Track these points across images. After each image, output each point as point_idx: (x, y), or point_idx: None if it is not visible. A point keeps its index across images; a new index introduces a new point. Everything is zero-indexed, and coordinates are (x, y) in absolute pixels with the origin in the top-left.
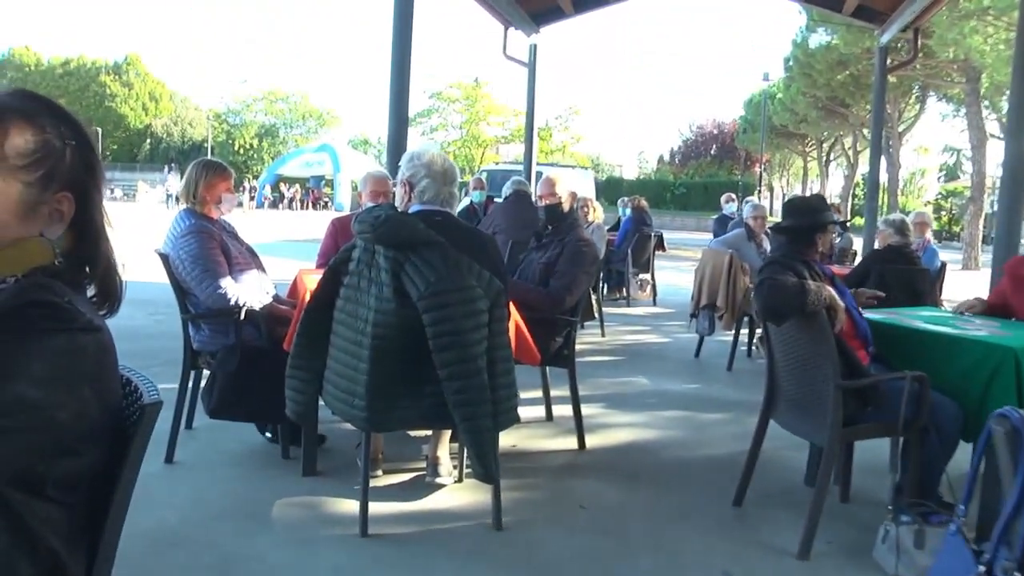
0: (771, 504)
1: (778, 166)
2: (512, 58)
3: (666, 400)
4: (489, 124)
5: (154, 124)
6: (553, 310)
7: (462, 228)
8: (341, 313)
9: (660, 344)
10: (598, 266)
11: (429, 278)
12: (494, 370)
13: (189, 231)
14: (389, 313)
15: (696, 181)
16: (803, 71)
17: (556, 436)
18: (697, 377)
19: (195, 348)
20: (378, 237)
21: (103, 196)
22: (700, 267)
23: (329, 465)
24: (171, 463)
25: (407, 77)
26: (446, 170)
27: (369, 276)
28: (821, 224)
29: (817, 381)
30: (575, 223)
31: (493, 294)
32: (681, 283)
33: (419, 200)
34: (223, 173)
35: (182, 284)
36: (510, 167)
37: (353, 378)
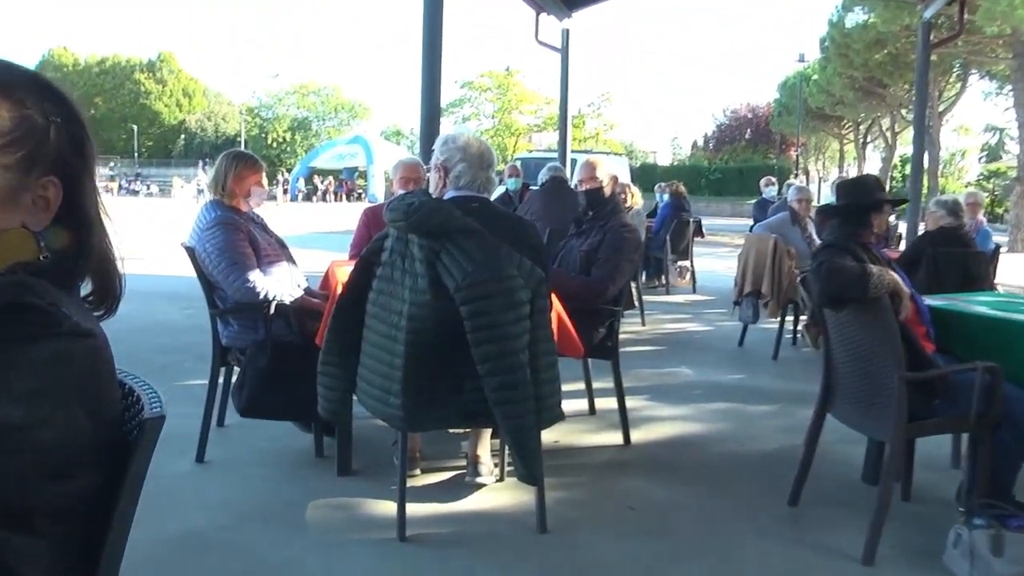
0: (828, 503)
1: (814, 149)
2: (544, 43)
3: (711, 391)
4: (522, 112)
5: (188, 120)
6: (595, 300)
7: (501, 214)
8: (374, 307)
9: (702, 333)
10: (641, 253)
11: (466, 268)
12: (537, 364)
13: (215, 223)
14: (424, 306)
15: (731, 166)
16: (839, 51)
17: (600, 431)
18: (742, 367)
19: (224, 344)
20: (411, 225)
21: (96, 182)
22: (743, 253)
23: (365, 463)
24: (202, 463)
25: (439, 67)
26: (482, 153)
27: (403, 267)
28: (876, 203)
29: (880, 373)
30: (617, 208)
31: (535, 284)
32: (719, 269)
33: (454, 186)
34: (253, 166)
35: (209, 278)
36: (544, 155)
37: (388, 375)
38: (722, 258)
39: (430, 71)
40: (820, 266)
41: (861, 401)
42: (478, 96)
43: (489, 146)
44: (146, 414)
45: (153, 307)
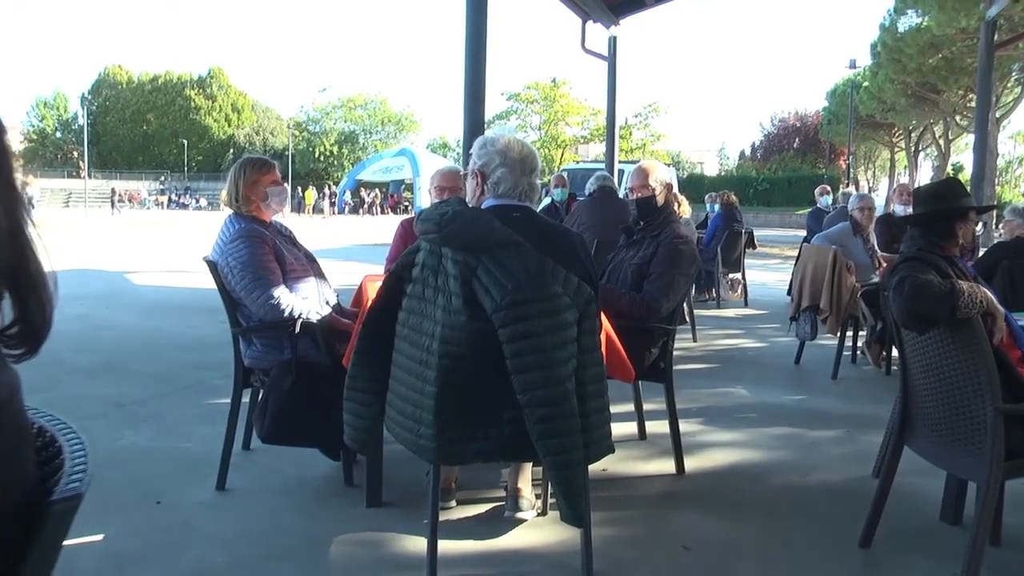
0: (904, 546)
1: (863, 158)
2: (591, 51)
3: (769, 414)
4: (568, 124)
5: (237, 135)
6: (648, 318)
7: (545, 225)
8: (404, 327)
9: (756, 349)
10: (697, 266)
11: (506, 285)
12: (584, 392)
13: (238, 235)
14: (459, 328)
15: (779, 176)
16: (891, 56)
17: (651, 458)
18: (800, 387)
19: (246, 365)
20: (445, 237)
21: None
22: (800, 265)
23: (397, 494)
24: (223, 491)
25: (483, 77)
26: (524, 157)
27: (435, 284)
28: (961, 211)
29: (970, 404)
30: (671, 218)
31: (583, 303)
32: (770, 281)
33: (493, 193)
34: (263, 167)
35: (232, 294)
36: (591, 166)
37: (419, 403)
38: (773, 270)
39: (474, 81)
40: (902, 282)
41: (947, 435)
42: (524, 108)
43: (532, 149)
44: (58, 491)
45: (189, 321)
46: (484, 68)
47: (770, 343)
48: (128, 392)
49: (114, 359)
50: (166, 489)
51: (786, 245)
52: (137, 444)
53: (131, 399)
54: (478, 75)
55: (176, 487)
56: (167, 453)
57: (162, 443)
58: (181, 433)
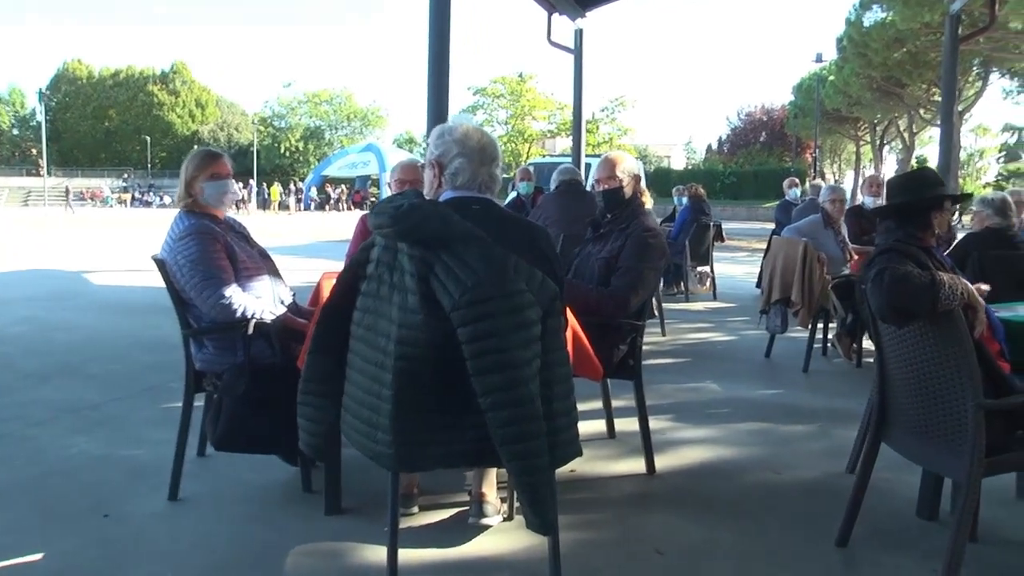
0: (883, 544)
1: (829, 151)
2: (557, 44)
3: (740, 410)
4: (535, 118)
5: (201, 130)
6: (616, 313)
7: (507, 218)
8: (359, 327)
9: (726, 343)
10: (666, 260)
11: (466, 282)
12: (550, 393)
13: (188, 232)
14: (416, 327)
15: (746, 169)
16: (857, 51)
17: (621, 457)
18: (771, 381)
19: (198, 368)
20: (400, 232)
21: None
22: (770, 258)
23: (357, 500)
24: (176, 500)
25: (446, 72)
26: (483, 147)
27: (391, 281)
28: (937, 200)
29: (949, 399)
30: (639, 210)
31: (547, 300)
32: (739, 274)
33: (451, 185)
34: (209, 156)
35: (181, 294)
36: (558, 159)
37: (375, 407)
38: (741, 263)
39: (437, 75)
40: (881, 274)
41: (925, 431)
42: (491, 102)
43: (492, 138)
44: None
45: (148, 321)
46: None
47: (740, 336)
48: (82, 396)
49: (68, 362)
50: (116, 500)
51: (753, 238)
52: (88, 451)
53: (85, 404)
54: (441, 69)
55: (127, 497)
56: (119, 461)
57: (115, 450)
58: (135, 439)
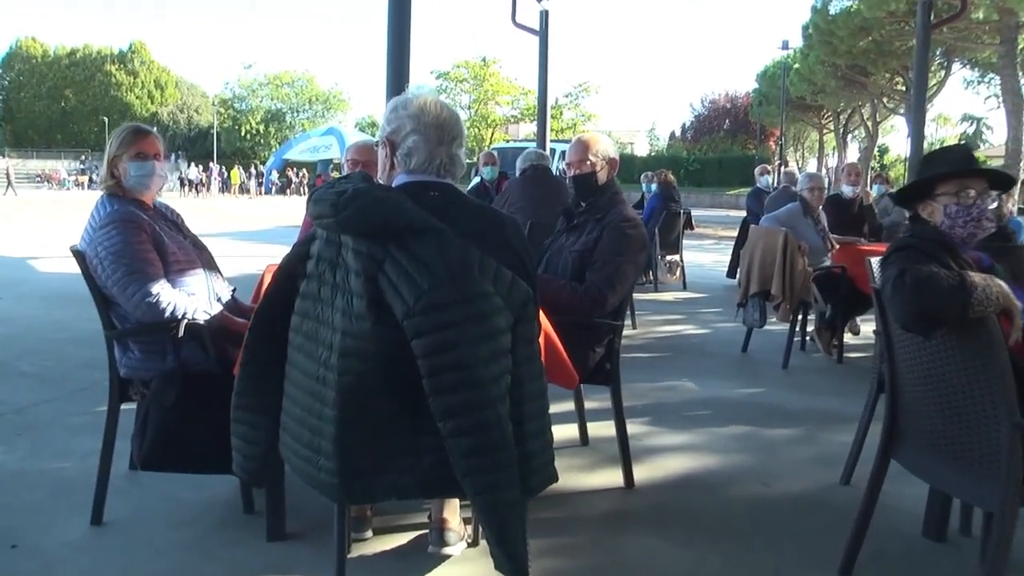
0: (887, 570)
1: (792, 139)
2: (521, 26)
3: (720, 411)
4: (498, 103)
5: (160, 112)
6: (592, 312)
7: (469, 206)
8: (297, 335)
9: (700, 336)
10: (647, 252)
11: (421, 284)
12: (521, 414)
13: (109, 220)
14: (363, 336)
15: (710, 157)
16: (823, 38)
17: (596, 468)
18: (750, 378)
19: (122, 375)
20: (343, 222)
21: None
22: (748, 249)
23: (304, 523)
24: (99, 525)
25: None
26: (442, 123)
27: (333, 281)
28: (940, 177)
29: (979, 417)
30: (616, 198)
31: (518, 304)
32: (707, 263)
33: (404, 167)
34: (135, 133)
35: (103, 290)
36: (522, 144)
37: (316, 428)
38: (708, 251)
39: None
40: (902, 276)
41: (948, 452)
42: (454, 87)
43: (454, 112)
44: None
45: (92, 312)
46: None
47: (713, 329)
48: (8, 398)
49: (1, 359)
50: (29, 526)
51: (719, 225)
52: (4, 465)
53: (10, 407)
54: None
55: (42, 523)
56: (39, 476)
57: (36, 463)
58: (61, 449)
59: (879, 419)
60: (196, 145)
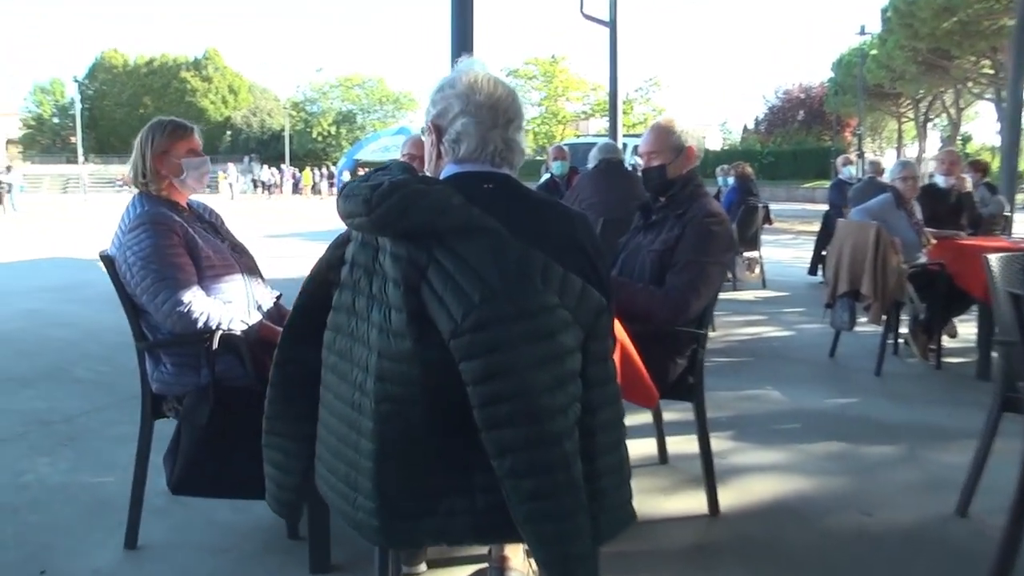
0: None
1: (869, 129)
2: (590, 17)
3: (810, 424)
4: (569, 100)
5: (233, 116)
6: (673, 319)
7: (531, 200)
8: (330, 353)
9: (782, 339)
10: (734, 251)
11: (471, 296)
12: (593, 447)
13: (139, 223)
14: (402, 358)
15: (784, 149)
16: (903, 21)
17: (676, 491)
18: (841, 387)
19: (155, 391)
20: (377, 220)
21: None
22: (835, 245)
23: (351, 554)
24: (133, 549)
25: (470, 50)
26: (496, 102)
27: (369, 291)
28: None
29: None
30: (698, 191)
31: (590, 316)
32: (786, 259)
33: (452, 156)
34: (175, 131)
35: (133, 299)
36: (594, 139)
37: (353, 462)
38: (786, 246)
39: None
40: None
41: None
42: (523, 84)
43: (510, 90)
44: None
45: None
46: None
47: (797, 331)
48: (60, 405)
49: (57, 363)
50: (60, 548)
51: (796, 219)
52: (45, 479)
53: (60, 415)
54: (464, 47)
55: (75, 544)
56: (79, 491)
57: (77, 476)
58: (105, 462)
59: None
60: (268, 147)
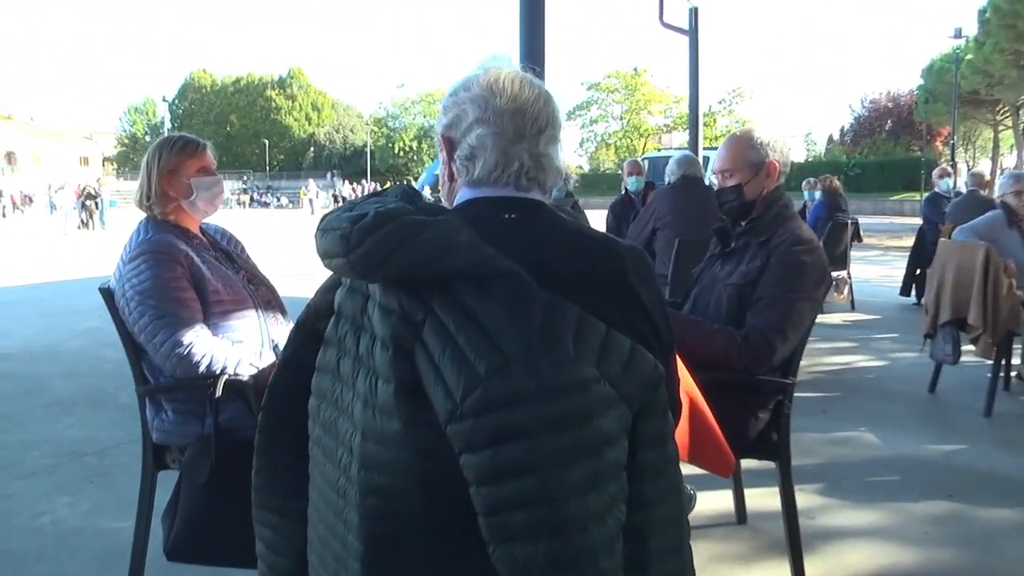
0: None
1: (962, 139)
2: (670, 26)
3: (912, 476)
4: (650, 113)
5: (317, 133)
6: (754, 368)
7: (565, 234)
8: (315, 424)
9: (876, 370)
10: (828, 285)
11: (475, 365)
12: (646, 553)
13: (139, 252)
14: (390, 442)
15: (871, 160)
16: (1004, 22)
17: (756, 559)
18: (944, 429)
19: (155, 440)
20: (358, 262)
21: None
22: (937, 267)
23: None
24: None
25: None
26: (522, 105)
27: (356, 351)
28: None
29: None
30: (784, 213)
31: (641, 388)
32: (875, 277)
33: (467, 177)
34: (185, 148)
35: (133, 336)
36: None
37: (341, 559)
38: (875, 263)
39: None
40: None
41: None
42: (605, 97)
43: (541, 90)
44: None
45: None
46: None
47: (891, 360)
48: (97, 435)
49: (104, 387)
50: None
51: (884, 234)
52: (62, 521)
53: (95, 445)
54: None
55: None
56: (94, 538)
57: (96, 521)
58: (129, 501)
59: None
60: (351, 163)
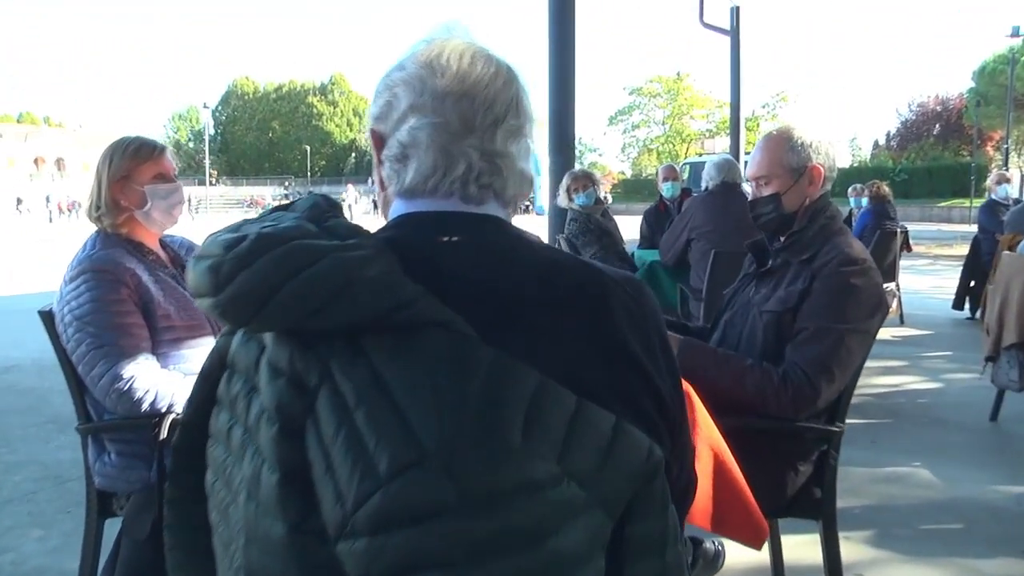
0: None
1: (1014, 143)
2: (710, 26)
3: (976, 524)
4: (693, 118)
5: (358, 139)
6: (794, 412)
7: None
8: (212, 500)
9: (929, 394)
10: (885, 312)
11: (375, 460)
12: None
13: (79, 271)
14: (273, 551)
15: (918, 165)
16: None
17: None
18: (1010, 466)
19: (97, 486)
20: (228, 305)
21: None
22: (1000, 283)
23: None
24: None
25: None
26: (472, 86)
27: (246, 417)
28: None
29: None
30: (831, 226)
31: (628, 483)
32: (925, 288)
33: (397, 184)
34: (142, 150)
35: (75, 366)
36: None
37: None
38: (923, 273)
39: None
40: None
41: None
42: (647, 102)
43: (500, 69)
44: None
45: None
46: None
47: (945, 382)
48: None
49: None
50: None
51: (932, 242)
52: (24, 561)
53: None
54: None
55: None
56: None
57: (60, 559)
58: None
59: None
60: None
